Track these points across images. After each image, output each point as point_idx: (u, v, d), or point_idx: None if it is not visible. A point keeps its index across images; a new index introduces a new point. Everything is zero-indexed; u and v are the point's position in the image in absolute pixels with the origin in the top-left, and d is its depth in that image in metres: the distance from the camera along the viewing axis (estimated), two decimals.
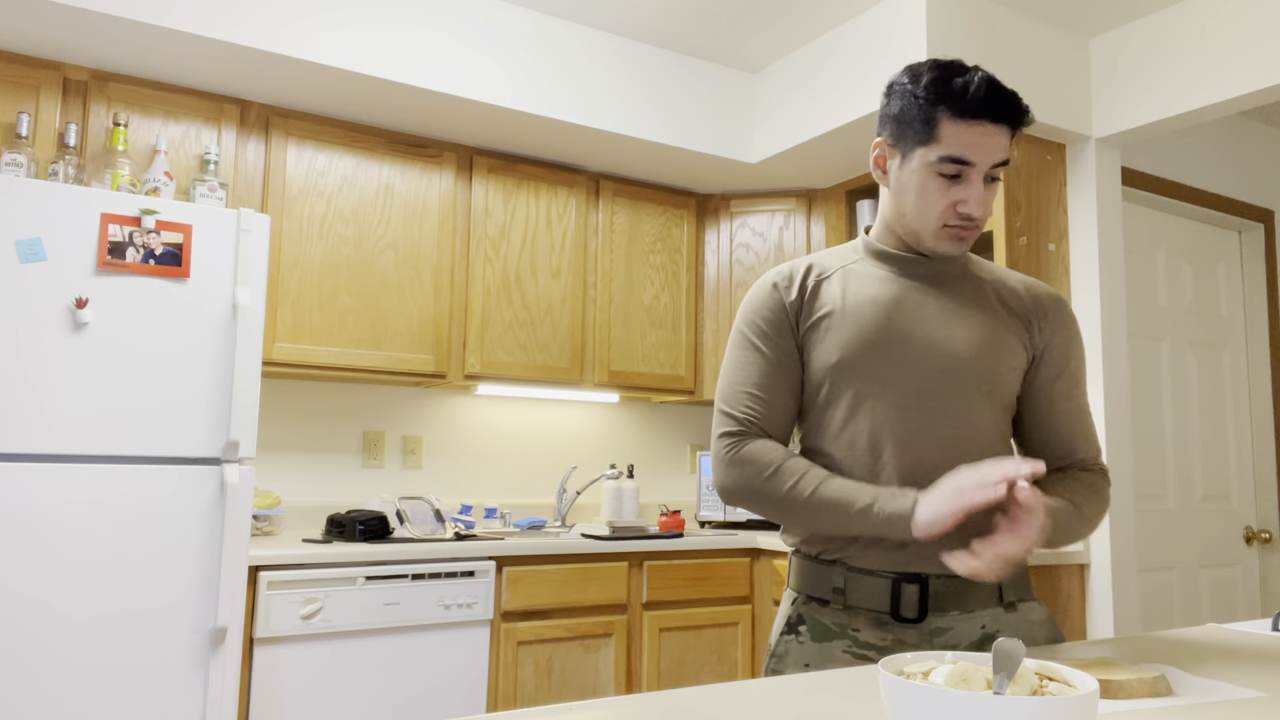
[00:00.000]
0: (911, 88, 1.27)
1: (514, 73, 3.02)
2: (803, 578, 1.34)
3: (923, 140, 1.26)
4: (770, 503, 1.27)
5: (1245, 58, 2.72)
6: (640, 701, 0.95)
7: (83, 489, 2.22)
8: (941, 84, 1.24)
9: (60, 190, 2.25)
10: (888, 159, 1.33)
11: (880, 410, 1.28)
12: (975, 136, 1.23)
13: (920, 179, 1.27)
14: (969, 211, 1.26)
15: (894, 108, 1.30)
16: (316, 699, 2.51)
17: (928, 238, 1.30)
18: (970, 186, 1.25)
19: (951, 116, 1.23)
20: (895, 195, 1.32)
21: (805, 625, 1.30)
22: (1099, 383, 2.98)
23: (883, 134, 1.33)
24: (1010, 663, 0.74)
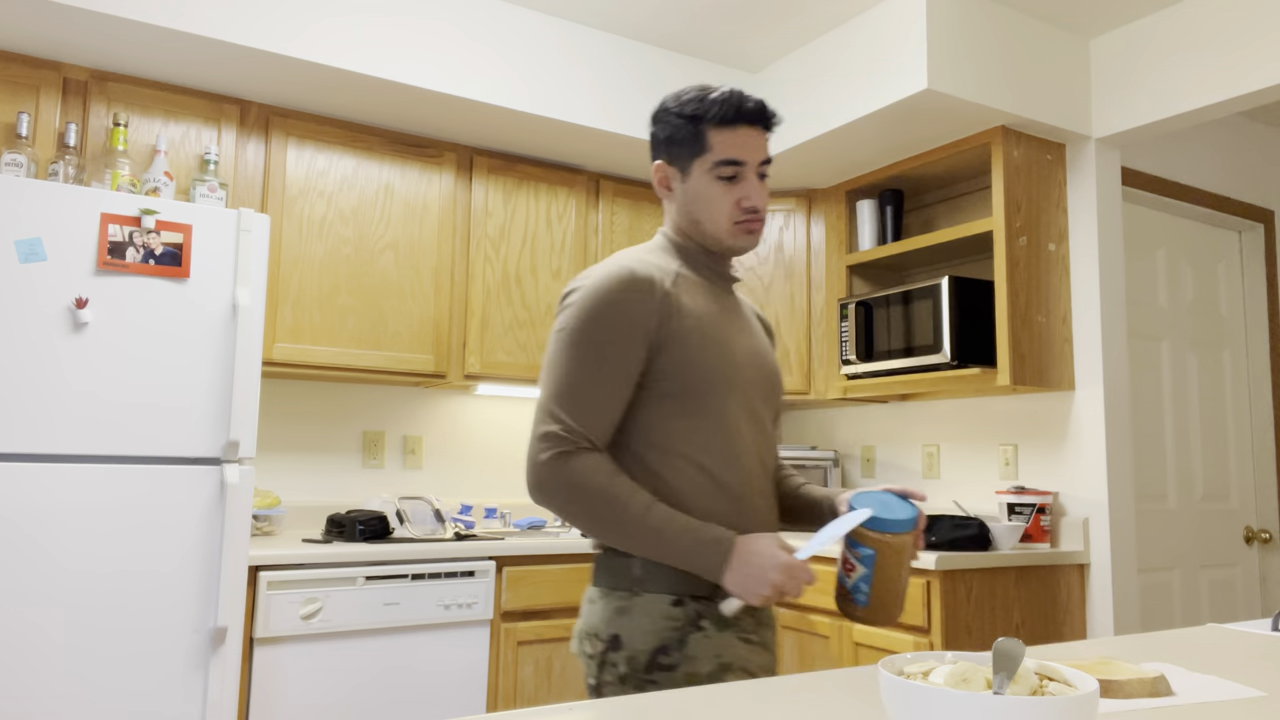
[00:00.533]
0: (676, 109, 1.42)
1: (514, 73, 3.02)
2: (678, 580, 1.31)
3: (696, 153, 1.41)
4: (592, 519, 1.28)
5: (1245, 58, 2.72)
6: (640, 701, 0.95)
7: (83, 489, 2.22)
8: (700, 102, 1.40)
9: (60, 190, 2.25)
10: (670, 179, 1.45)
11: (733, 420, 1.36)
12: (739, 139, 1.40)
13: (704, 185, 1.41)
14: (753, 204, 1.41)
15: (664, 132, 1.44)
16: (316, 699, 2.51)
17: (725, 237, 1.42)
18: (748, 184, 1.41)
19: (716, 126, 1.40)
20: (686, 208, 1.44)
21: (706, 619, 1.31)
22: (1099, 383, 2.98)
23: (660, 157, 1.45)
24: (1010, 663, 0.74)
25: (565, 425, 1.29)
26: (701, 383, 1.34)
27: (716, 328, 1.38)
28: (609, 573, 1.35)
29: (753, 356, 1.43)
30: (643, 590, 1.32)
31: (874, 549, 1.31)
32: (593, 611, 1.36)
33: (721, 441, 1.35)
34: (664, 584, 1.31)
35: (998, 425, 3.26)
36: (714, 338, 1.37)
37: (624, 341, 1.32)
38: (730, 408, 1.36)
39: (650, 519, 1.26)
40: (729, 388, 1.36)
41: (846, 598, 1.35)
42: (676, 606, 1.31)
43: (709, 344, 1.36)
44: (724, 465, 1.35)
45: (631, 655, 1.29)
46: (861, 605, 1.34)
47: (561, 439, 1.29)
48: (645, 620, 1.30)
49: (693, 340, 1.34)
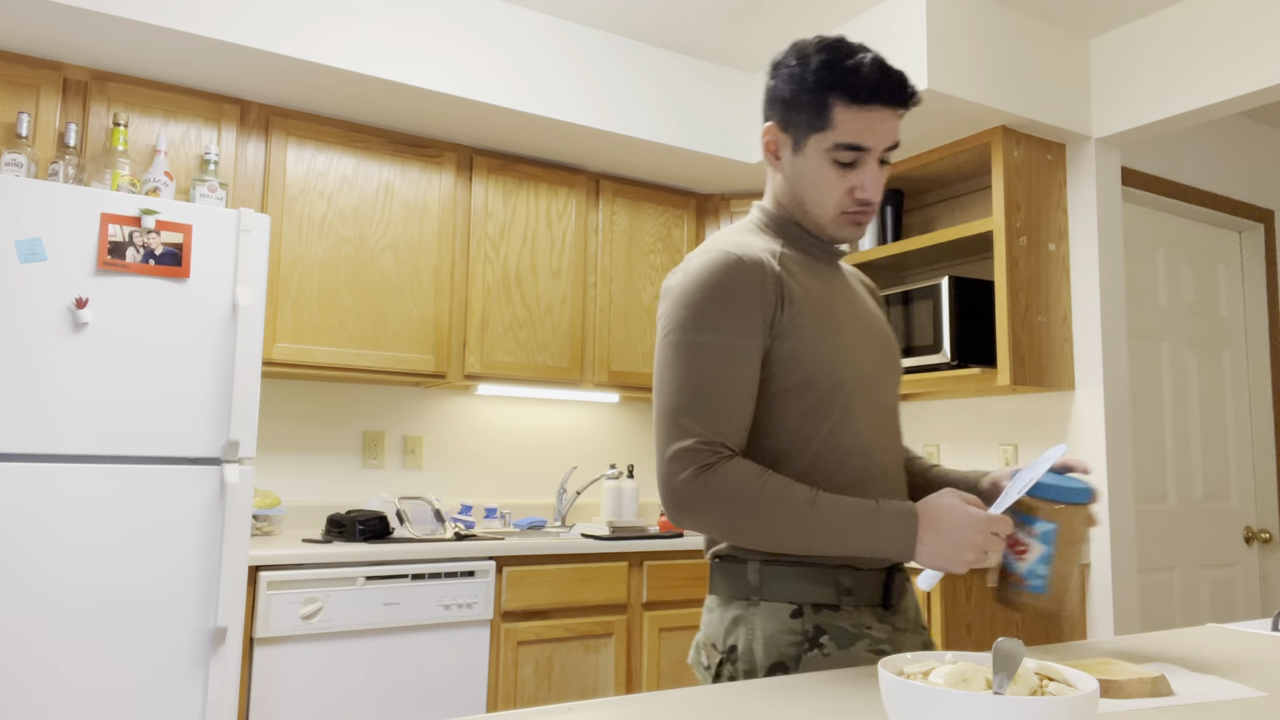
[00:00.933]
0: (801, 71, 1.22)
1: (514, 73, 3.02)
2: (800, 585, 1.20)
3: (816, 127, 1.22)
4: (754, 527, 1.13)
5: (1245, 58, 2.72)
6: (640, 701, 0.94)
7: (83, 489, 2.22)
8: (832, 67, 1.20)
9: (60, 190, 2.25)
10: (779, 145, 1.28)
11: (845, 411, 1.23)
12: (869, 121, 1.21)
13: (815, 166, 1.24)
14: (866, 197, 1.24)
15: (783, 90, 1.25)
16: (316, 699, 2.51)
17: (828, 224, 1.27)
18: (865, 171, 1.23)
19: (845, 102, 1.20)
20: (791, 183, 1.28)
21: (827, 635, 1.18)
22: (1099, 383, 2.98)
23: (772, 118, 1.28)
24: (1010, 663, 0.74)
25: (698, 436, 1.14)
26: (821, 369, 1.21)
27: (831, 312, 1.25)
28: (726, 580, 1.24)
29: (868, 334, 1.30)
30: (761, 598, 1.21)
31: (1056, 522, 1.14)
32: (710, 621, 1.25)
33: (848, 430, 1.23)
34: (783, 591, 1.20)
35: (998, 425, 3.26)
36: (828, 319, 1.24)
37: (743, 332, 1.17)
38: (852, 393, 1.23)
39: (819, 512, 1.12)
40: (849, 371, 1.23)
41: (1015, 585, 1.17)
42: (796, 618, 1.19)
43: (824, 327, 1.23)
44: (852, 454, 1.23)
45: (749, 669, 1.18)
46: (1036, 592, 1.16)
47: (698, 452, 1.14)
48: (763, 632, 1.19)
49: (808, 325, 1.21)
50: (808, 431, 1.21)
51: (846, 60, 1.20)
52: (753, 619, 1.20)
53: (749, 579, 1.22)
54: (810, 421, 1.21)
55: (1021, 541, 1.16)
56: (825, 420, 1.21)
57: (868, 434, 1.25)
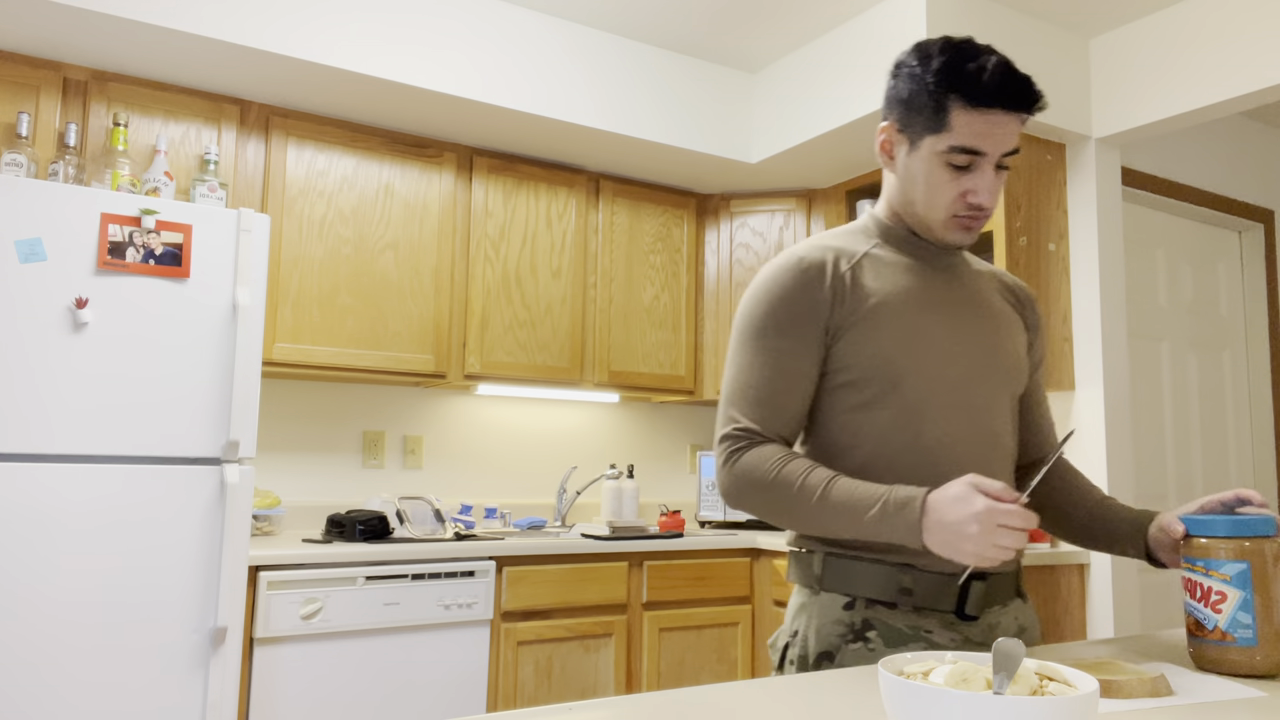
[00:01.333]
0: (921, 71, 1.21)
1: (514, 73, 3.02)
2: (858, 579, 1.21)
3: (932, 128, 1.21)
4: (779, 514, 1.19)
5: (1245, 58, 2.72)
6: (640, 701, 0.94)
7: (83, 489, 2.22)
8: (954, 69, 1.18)
9: (60, 190, 2.25)
10: (894, 144, 1.27)
11: (926, 409, 1.21)
12: (988, 126, 1.18)
13: (929, 168, 1.22)
14: (980, 202, 1.21)
15: (902, 90, 1.24)
16: (316, 699, 2.51)
17: (936, 228, 1.25)
18: (981, 176, 1.21)
19: (964, 105, 1.18)
20: (903, 183, 1.27)
21: (875, 630, 1.19)
22: (1099, 383, 2.98)
23: (889, 118, 1.27)
24: (1010, 663, 0.74)
25: (739, 425, 1.22)
26: (876, 367, 1.21)
27: (912, 312, 1.23)
28: (797, 569, 1.29)
29: (965, 337, 1.26)
30: (822, 588, 1.24)
31: (1247, 561, 1.04)
32: (789, 606, 1.31)
33: (910, 434, 1.21)
34: (839, 582, 1.22)
35: None
36: (902, 320, 1.22)
37: (796, 333, 1.21)
38: (921, 393, 1.21)
39: (832, 496, 1.13)
40: (915, 370, 1.21)
41: (1218, 641, 1.05)
42: (847, 610, 1.21)
43: (893, 328, 1.22)
44: (913, 460, 1.21)
45: (803, 655, 1.22)
46: (1245, 645, 1.04)
47: (732, 438, 1.21)
48: (817, 620, 1.23)
49: (871, 325, 1.21)
50: (862, 428, 1.23)
51: (968, 62, 1.18)
52: (813, 607, 1.24)
53: (813, 569, 1.26)
54: (864, 417, 1.22)
55: (1209, 590, 1.06)
56: (880, 417, 1.21)
57: (941, 435, 1.22)
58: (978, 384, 1.26)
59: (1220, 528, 1.07)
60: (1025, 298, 1.42)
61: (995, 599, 1.24)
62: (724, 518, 3.58)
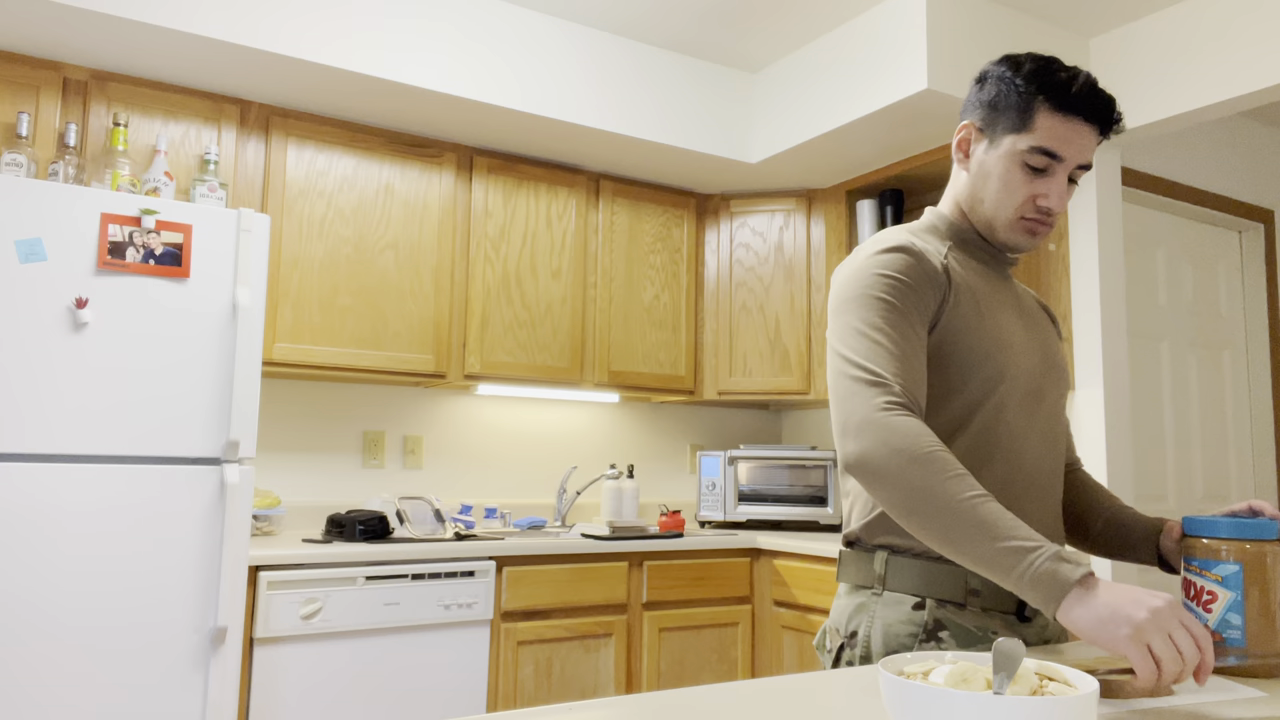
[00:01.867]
0: (1011, 75, 1.25)
1: (513, 73, 3.02)
2: (927, 579, 1.21)
3: (1016, 128, 1.24)
4: (912, 486, 1.06)
5: (1245, 58, 2.72)
6: (640, 701, 0.94)
7: (83, 489, 2.22)
8: (1044, 74, 1.22)
9: (60, 190, 2.25)
10: (973, 142, 1.30)
11: (997, 408, 1.23)
12: (1069, 132, 1.22)
13: (1005, 166, 1.25)
14: (1049, 205, 1.23)
15: (988, 94, 1.27)
16: (316, 699, 2.51)
17: (1001, 228, 1.27)
18: (1054, 181, 1.23)
19: (1050, 108, 1.21)
20: (975, 180, 1.29)
21: (947, 630, 1.19)
22: (1099, 383, 2.98)
23: (971, 118, 1.30)
24: (1010, 663, 0.74)
25: (892, 384, 1.13)
26: (978, 362, 1.22)
27: (993, 313, 1.26)
28: (854, 568, 1.27)
29: (1032, 341, 1.30)
30: (885, 588, 1.22)
31: (1240, 562, 1.06)
32: (838, 606, 1.29)
33: (1001, 427, 1.22)
34: (907, 582, 1.21)
35: None
36: (993, 322, 1.25)
37: (917, 312, 1.20)
38: (1008, 392, 1.23)
39: (981, 509, 1.03)
40: (1006, 369, 1.23)
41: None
42: (917, 610, 1.20)
43: (986, 323, 1.24)
44: (1002, 453, 1.22)
45: (865, 656, 1.21)
46: (1234, 645, 1.05)
47: (893, 391, 1.12)
48: (882, 621, 1.21)
49: (969, 318, 1.23)
50: (959, 422, 1.22)
51: (1060, 71, 1.22)
52: (875, 607, 1.22)
53: (875, 568, 1.24)
54: (961, 413, 1.22)
55: (1203, 590, 1.07)
56: (975, 414, 1.22)
57: (1021, 435, 1.24)
58: (1047, 383, 1.29)
59: (1220, 529, 1.08)
60: (1051, 313, 1.48)
61: None
62: (724, 518, 3.58)
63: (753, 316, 3.64)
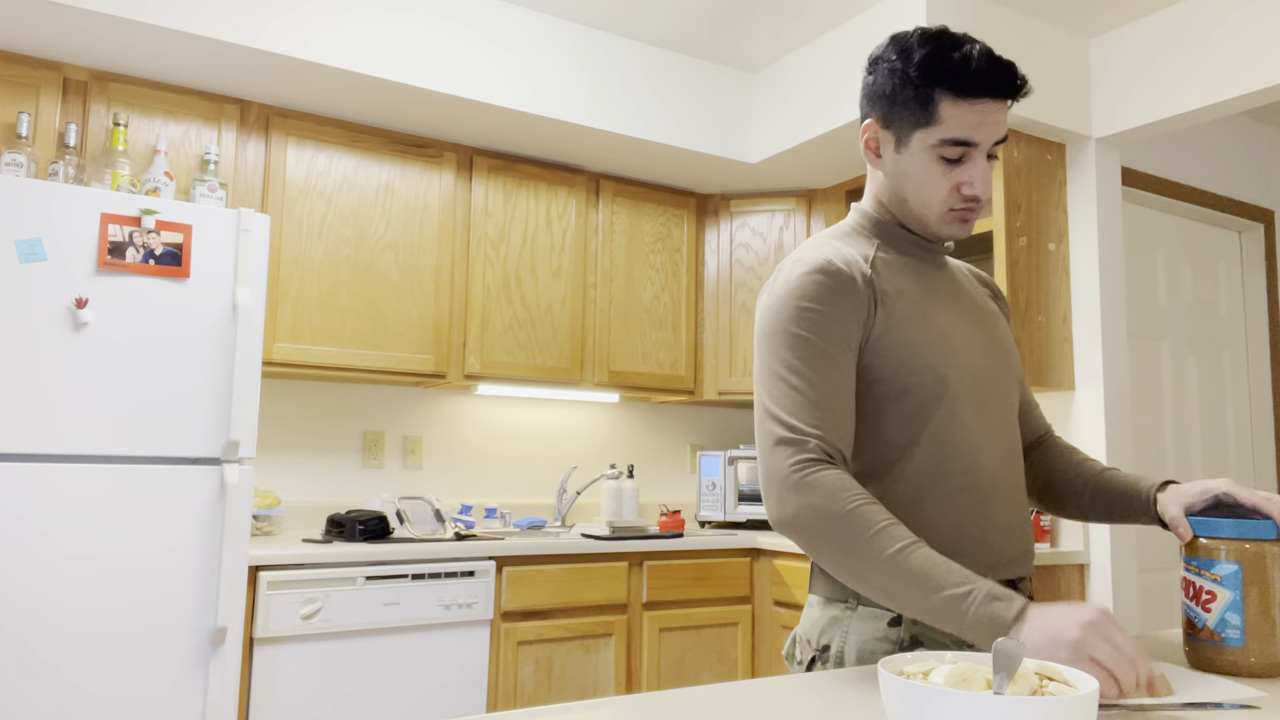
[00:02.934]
0: (902, 65, 1.18)
1: (514, 73, 3.02)
2: None
3: (920, 123, 1.18)
4: (841, 547, 1.06)
5: (1245, 58, 2.72)
6: (640, 701, 0.94)
7: (83, 489, 2.22)
8: (938, 60, 1.15)
9: (60, 190, 2.25)
10: (880, 144, 1.24)
11: (947, 415, 1.18)
12: (976, 115, 1.16)
13: (921, 163, 1.19)
14: (975, 193, 1.19)
15: (882, 86, 1.21)
16: (316, 699, 2.51)
17: (933, 222, 1.23)
18: (974, 166, 1.18)
19: (952, 97, 1.15)
20: (893, 180, 1.23)
21: (923, 646, 1.16)
22: (1099, 383, 2.98)
23: (872, 115, 1.23)
24: (1010, 663, 0.74)
25: (805, 432, 1.10)
26: (918, 373, 1.17)
27: (930, 312, 1.21)
28: (828, 581, 1.23)
29: (974, 335, 1.25)
30: (860, 603, 1.18)
31: (1239, 563, 1.06)
32: (809, 617, 1.24)
33: (952, 434, 1.18)
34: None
35: None
36: (925, 322, 1.20)
37: (840, 339, 1.15)
38: (955, 396, 1.19)
39: (912, 559, 1.01)
40: (948, 373, 1.18)
41: (1207, 639, 1.08)
42: (893, 626, 1.16)
43: (920, 330, 1.19)
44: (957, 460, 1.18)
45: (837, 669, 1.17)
46: (1233, 645, 1.06)
47: (802, 446, 1.10)
48: (858, 635, 1.17)
49: (902, 328, 1.18)
50: (909, 437, 1.18)
51: (952, 52, 1.15)
52: (849, 622, 1.19)
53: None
54: (911, 427, 1.18)
55: (1202, 589, 1.08)
56: (926, 425, 1.18)
57: (975, 438, 1.20)
58: (996, 379, 1.25)
59: (1220, 529, 1.08)
60: (996, 290, 1.44)
61: None
62: (724, 517, 3.58)
63: (752, 316, 3.64)
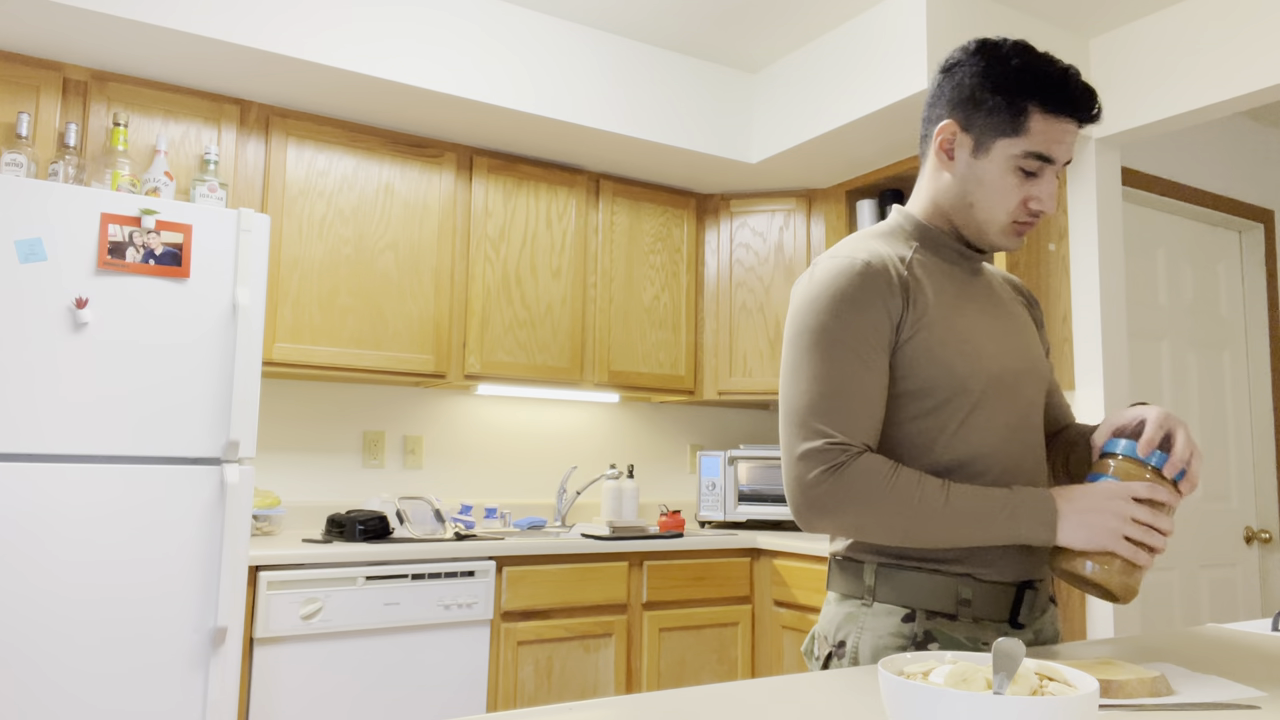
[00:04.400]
0: (998, 72, 1.20)
1: (514, 73, 3.02)
2: (917, 590, 1.19)
3: (1007, 131, 1.19)
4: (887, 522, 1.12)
5: (1245, 58, 2.72)
6: (640, 701, 0.94)
7: (82, 489, 2.22)
8: (1036, 73, 1.18)
9: (60, 190, 2.25)
10: (956, 146, 1.24)
11: (984, 421, 1.21)
12: (1060, 133, 1.19)
13: (999, 172, 1.21)
14: (1042, 208, 1.21)
15: (966, 90, 1.22)
16: (316, 699, 2.51)
17: (993, 232, 1.24)
18: (1045, 183, 1.21)
19: (1044, 111, 1.18)
20: (963, 184, 1.24)
21: (937, 643, 1.17)
22: (1099, 383, 2.98)
23: (951, 115, 1.24)
24: (1010, 663, 0.74)
25: (827, 438, 1.14)
26: (944, 374, 1.18)
27: (959, 316, 1.22)
28: (843, 578, 1.25)
29: (1004, 339, 1.26)
30: (875, 599, 1.21)
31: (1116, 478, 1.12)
32: (827, 614, 1.27)
33: (973, 435, 1.20)
34: (897, 594, 1.19)
35: None
36: (956, 325, 1.21)
37: (870, 337, 1.16)
38: (979, 398, 1.20)
39: (954, 503, 1.11)
40: (974, 376, 1.20)
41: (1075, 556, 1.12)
42: (907, 622, 1.18)
43: (951, 332, 1.20)
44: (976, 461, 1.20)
45: (853, 665, 1.19)
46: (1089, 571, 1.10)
47: (827, 452, 1.13)
48: (872, 632, 1.19)
49: (933, 329, 1.19)
50: (930, 436, 1.20)
51: (1046, 68, 1.18)
52: (864, 618, 1.21)
53: (864, 579, 1.22)
54: (933, 425, 1.20)
55: None
56: (948, 425, 1.19)
57: (995, 441, 1.21)
58: (1024, 385, 1.26)
59: (1115, 447, 1.15)
60: (1030, 297, 1.45)
61: (1039, 606, 1.24)
62: (724, 517, 3.58)
63: (752, 316, 3.64)
